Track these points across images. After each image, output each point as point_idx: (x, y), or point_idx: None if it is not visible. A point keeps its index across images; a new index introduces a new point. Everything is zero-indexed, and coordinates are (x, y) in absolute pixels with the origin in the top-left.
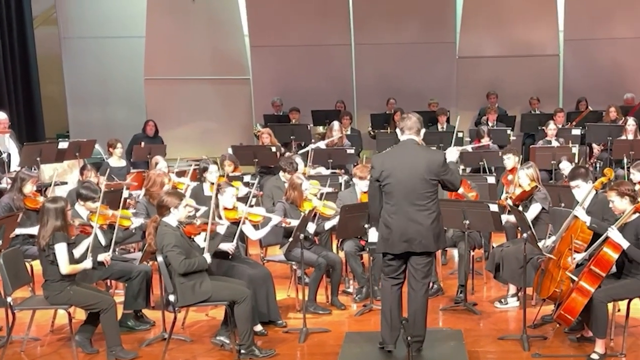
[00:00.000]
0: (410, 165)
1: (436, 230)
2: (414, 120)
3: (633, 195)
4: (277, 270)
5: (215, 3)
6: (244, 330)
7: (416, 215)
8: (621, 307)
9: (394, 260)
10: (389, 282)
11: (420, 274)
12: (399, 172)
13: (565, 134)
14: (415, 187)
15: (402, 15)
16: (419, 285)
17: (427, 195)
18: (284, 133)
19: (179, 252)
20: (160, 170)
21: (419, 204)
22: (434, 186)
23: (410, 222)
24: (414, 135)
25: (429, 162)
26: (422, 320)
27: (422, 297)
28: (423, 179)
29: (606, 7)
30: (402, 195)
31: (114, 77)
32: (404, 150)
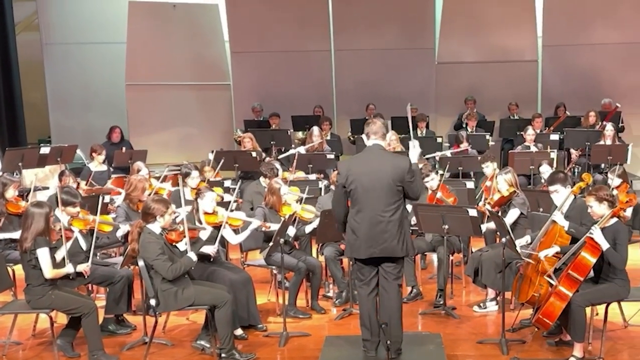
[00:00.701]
0: (376, 171)
1: (401, 236)
2: (379, 125)
3: (611, 201)
4: (257, 275)
5: (195, 9)
6: (225, 334)
7: (382, 221)
8: (599, 312)
9: (364, 265)
10: (364, 289)
11: (391, 276)
12: (364, 178)
13: (543, 139)
14: (380, 193)
15: (381, 21)
16: (390, 287)
17: (392, 202)
18: (264, 138)
19: (164, 259)
20: (142, 176)
21: (384, 210)
22: (400, 192)
23: (375, 228)
24: (379, 139)
25: (395, 168)
26: (397, 322)
27: (395, 298)
28: (388, 185)
29: (584, 13)
30: (368, 202)
31: (96, 83)
32: (370, 156)
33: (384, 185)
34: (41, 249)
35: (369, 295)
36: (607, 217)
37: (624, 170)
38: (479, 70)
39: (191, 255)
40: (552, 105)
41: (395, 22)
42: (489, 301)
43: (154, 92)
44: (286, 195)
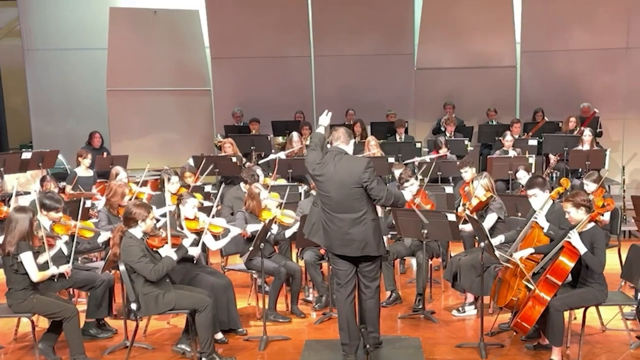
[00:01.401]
0: (336, 177)
1: (363, 237)
2: (342, 131)
3: (588, 206)
4: (237, 279)
5: (176, 15)
6: (205, 338)
7: (343, 225)
8: (577, 316)
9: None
10: (341, 293)
11: (367, 278)
12: (327, 185)
13: (522, 145)
14: (341, 198)
15: (361, 27)
16: (368, 289)
17: (354, 205)
18: (245, 143)
19: (147, 261)
20: (121, 181)
21: (346, 214)
22: (361, 195)
23: (338, 231)
24: (341, 144)
25: (351, 172)
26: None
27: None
28: (347, 188)
29: (562, 19)
30: (331, 206)
31: (77, 89)
32: (329, 158)
33: (342, 189)
34: (24, 253)
35: (347, 299)
36: (584, 222)
37: (599, 175)
38: (457, 75)
39: (171, 254)
40: (531, 110)
41: (375, 28)
42: (468, 305)
43: (134, 97)
44: (266, 200)
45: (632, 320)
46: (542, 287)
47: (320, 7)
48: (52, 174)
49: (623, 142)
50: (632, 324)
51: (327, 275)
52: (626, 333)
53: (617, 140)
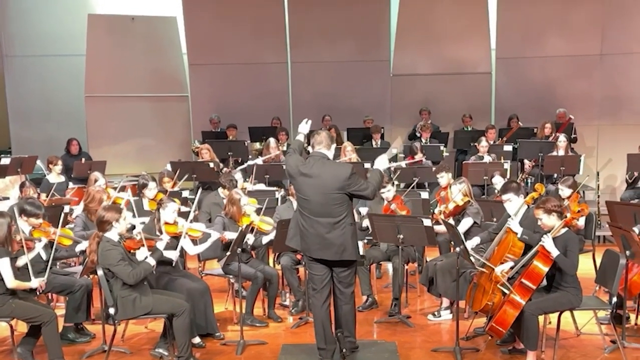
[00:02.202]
0: (317, 182)
1: (341, 242)
2: (324, 135)
3: (560, 211)
4: (215, 284)
5: (154, 22)
6: (182, 343)
7: (322, 229)
8: (552, 320)
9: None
10: (317, 298)
11: (343, 284)
12: (306, 186)
13: (497, 150)
14: (321, 202)
15: (337, 34)
16: (343, 295)
17: (334, 210)
18: (222, 149)
19: (125, 264)
20: (100, 187)
21: (326, 218)
22: (341, 200)
23: (316, 235)
24: (323, 148)
25: (334, 177)
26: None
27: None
28: (329, 193)
29: (537, 26)
30: (310, 210)
31: (55, 95)
32: (312, 163)
33: (323, 194)
34: (1, 259)
35: (323, 304)
36: (559, 227)
37: (574, 181)
38: (433, 82)
39: (149, 260)
40: (506, 116)
41: (351, 35)
42: (443, 310)
43: (113, 103)
44: (246, 206)
45: (607, 325)
46: (517, 291)
47: (297, 14)
48: (30, 179)
49: (597, 148)
50: (606, 328)
51: (304, 279)
52: (600, 337)
53: (591, 146)
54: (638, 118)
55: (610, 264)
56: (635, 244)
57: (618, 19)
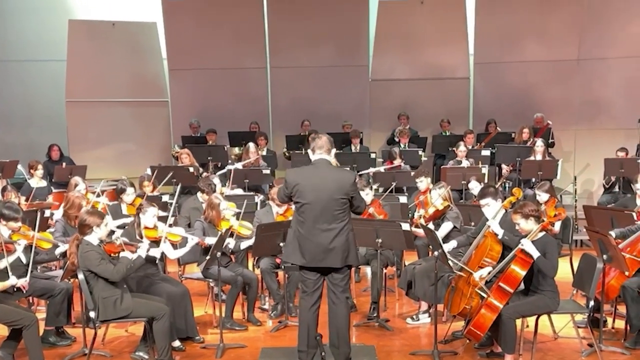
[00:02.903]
0: (321, 186)
1: (344, 247)
2: (325, 139)
3: (537, 216)
4: (194, 288)
5: (134, 28)
6: (162, 346)
7: (325, 234)
8: (529, 323)
9: (310, 273)
10: (307, 300)
11: (338, 288)
12: (310, 192)
13: (475, 155)
14: (325, 206)
15: (316, 39)
16: (339, 300)
17: (337, 215)
18: (202, 154)
19: (106, 263)
20: (79, 192)
21: (329, 222)
22: (345, 205)
23: (319, 240)
24: (325, 154)
25: (340, 182)
26: (346, 335)
27: (343, 311)
28: (334, 198)
29: (514, 31)
30: (313, 216)
31: (37, 100)
32: (316, 170)
33: (329, 199)
34: None
35: (311, 307)
36: (536, 231)
37: (551, 185)
38: (411, 87)
39: (126, 254)
40: (484, 121)
41: (330, 40)
42: (422, 313)
43: (93, 108)
44: (225, 210)
45: (584, 328)
46: (494, 295)
47: (277, 20)
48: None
49: (575, 153)
50: (583, 331)
51: (283, 283)
52: (578, 341)
53: (569, 150)
54: (615, 123)
55: (587, 268)
56: (612, 248)
57: (595, 24)
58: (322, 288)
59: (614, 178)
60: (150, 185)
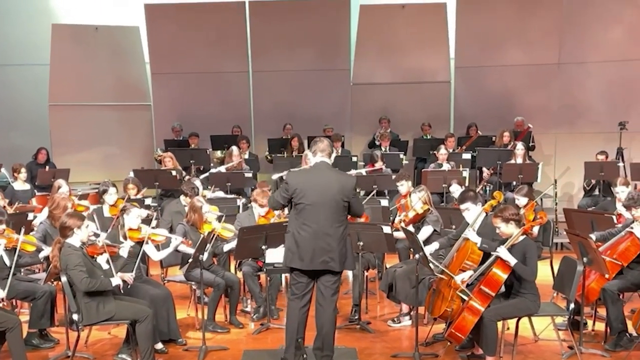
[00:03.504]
0: (323, 188)
1: (343, 251)
2: (327, 143)
3: (518, 219)
4: (177, 290)
5: (117, 32)
6: (145, 348)
7: (326, 235)
8: (510, 326)
9: (303, 277)
10: (296, 302)
11: (329, 291)
12: (312, 194)
13: (456, 158)
14: (327, 209)
15: (298, 43)
16: (327, 303)
17: (337, 218)
18: (184, 157)
19: (81, 270)
20: (63, 194)
21: (330, 225)
22: (345, 208)
23: (319, 243)
24: (325, 157)
25: (343, 185)
26: (331, 338)
27: (330, 314)
28: (335, 200)
29: (495, 36)
30: (314, 216)
31: (20, 103)
32: (318, 173)
33: (330, 201)
34: None
35: (301, 309)
36: (517, 235)
37: (529, 189)
38: (393, 90)
39: (113, 280)
40: (464, 125)
41: (312, 44)
42: (403, 316)
43: (76, 112)
44: (207, 213)
45: (564, 331)
46: (476, 297)
47: (258, 24)
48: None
49: (555, 156)
50: (564, 334)
51: (265, 286)
52: (558, 343)
53: (549, 154)
54: (595, 126)
55: (567, 270)
56: (593, 251)
57: (575, 29)
58: (312, 291)
59: (594, 181)
60: (134, 188)
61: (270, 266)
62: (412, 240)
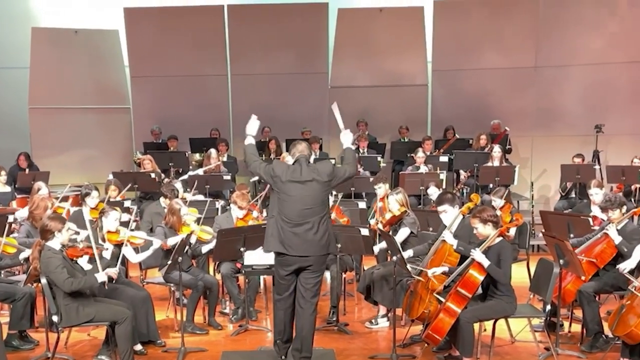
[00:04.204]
0: (302, 179)
1: (324, 237)
2: (305, 145)
3: (495, 221)
4: (156, 292)
5: (96, 35)
6: (124, 350)
7: (315, 226)
8: (487, 327)
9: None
10: (282, 303)
11: (309, 293)
12: (292, 186)
13: (433, 161)
14: (308, 199)
15: (276, 46)
16: (307, 304)
17: (321, 207)
18: (163, 160)
19: (62, 272)
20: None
21: (315, 216)
22: (326, 196)
23: (306, 241)
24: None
25: (320, 173)
26: (310, 340)
27: (310, 316)
28: (314, 191)
29: (471, 39)
30: (300, 214)
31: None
32: (297, 167)
33: (309, 192)
34: None
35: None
36: (493, 237)
37: (507, 191)
38: (370, 94)
39: (98, 276)
40: (442, 128)
41: (290, 48)
42: (380, 317)
43: (56, 115)
44: (186, 215)
45: (540, 332)
46: (452, 299)
47: (237, 28)
48: None
49: (532, 159)
50: (540, 335)
51: (244, 288)
52: (534, 344)
53: (525, 157)
54: (571, 129)
55: (544, 272)
56: (569, 253)
57: (551, 32)
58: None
59: (570, 185)
60: (116, 190)
61: (248, 268)
62: (390, 243)
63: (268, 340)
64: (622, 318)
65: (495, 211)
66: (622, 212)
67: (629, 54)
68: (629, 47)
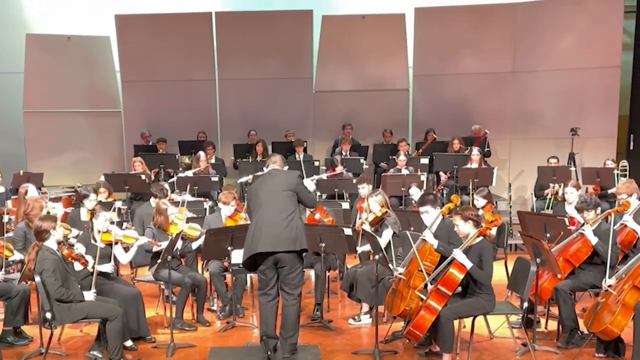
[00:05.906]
0: (271, 184)
1: (294, 233)
2: (279, 157)
3: (476, 220)
4: (146, 290)
5: (88, 41)
6: (115, 346)
7: (282, 223)
8: (466, 324)
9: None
10: (264, 298)
11: (290, 286)
12: (262, 191)
13: (414, 163)
14: (275, 200)
15: (263, 52)
16: (289, 296)
17: (288, 207)
18: (153, 162)
19: (55, 278)
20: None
21: (278, 213)
22: (292, 198)
23: (279, 230)
24: (277, 166)
25: (285, 179)
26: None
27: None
28: (280, 192)
29: (451, 45)
30: (266, 208)
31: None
32: (268, 175)
33: (277, 194)
34: None
35: (268, 303)
36: (473, 236)
37: (489, 192)
38: (353, 98)
39: (87, 296)
40: (423, 131)
41: (276, 54)
42: (363, 314)
43: (50, 119)
44: (173, 215)
45: (518, 329)
46: (433, 297)
47: (224, 34)
48: None
49: (509, 161)
50: (517, 332)
51: (231, 286)
52: (512, 340)
53: (503, 159)
54: (547, 132)
55: (521, 271)
56: (546, 252)
57: (528, 38)
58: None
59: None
60: (105, 192)
61: (235, 266)
62: (373, 242)
63: (254, 336)
64: (597, 315)
65: (477, 210)
66: (596, 213)
67: (602, 59)
68: (602, 53)
